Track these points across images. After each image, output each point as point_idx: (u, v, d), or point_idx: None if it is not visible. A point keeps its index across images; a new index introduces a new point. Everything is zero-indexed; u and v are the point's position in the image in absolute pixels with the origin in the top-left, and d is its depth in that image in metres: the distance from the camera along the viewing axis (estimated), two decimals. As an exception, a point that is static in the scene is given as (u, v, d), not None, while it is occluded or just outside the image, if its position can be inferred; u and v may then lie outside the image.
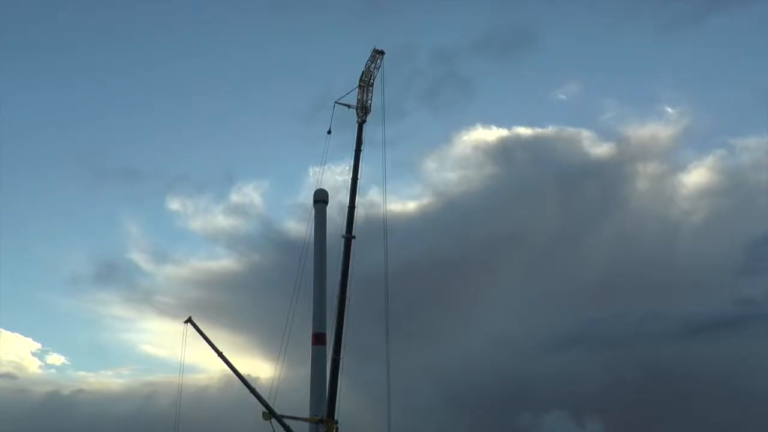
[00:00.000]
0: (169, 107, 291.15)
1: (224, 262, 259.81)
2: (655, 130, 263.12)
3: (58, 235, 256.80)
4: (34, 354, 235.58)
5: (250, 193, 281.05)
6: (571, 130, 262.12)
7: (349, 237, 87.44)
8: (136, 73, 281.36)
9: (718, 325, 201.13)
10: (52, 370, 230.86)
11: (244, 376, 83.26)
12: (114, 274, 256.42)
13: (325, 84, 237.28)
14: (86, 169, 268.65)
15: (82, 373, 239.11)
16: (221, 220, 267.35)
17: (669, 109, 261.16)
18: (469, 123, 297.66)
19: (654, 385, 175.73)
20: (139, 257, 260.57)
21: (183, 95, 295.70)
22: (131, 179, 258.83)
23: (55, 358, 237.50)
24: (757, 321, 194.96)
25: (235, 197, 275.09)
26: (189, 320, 79.02)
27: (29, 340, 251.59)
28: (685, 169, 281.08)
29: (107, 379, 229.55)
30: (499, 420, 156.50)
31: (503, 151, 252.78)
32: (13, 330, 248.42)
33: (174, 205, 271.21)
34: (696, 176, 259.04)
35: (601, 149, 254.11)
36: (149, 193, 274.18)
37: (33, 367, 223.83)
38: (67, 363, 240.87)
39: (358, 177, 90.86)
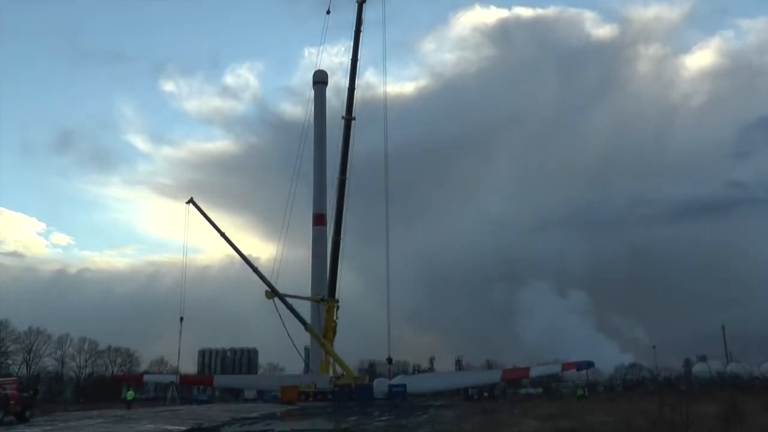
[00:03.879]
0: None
1: (221, 143, 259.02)
2: (659, 11, 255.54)
3: (53, 116, 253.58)
4: (39, 234, 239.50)
5: (245, 75, 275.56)
6: (572, 11, 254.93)
7: (348, 118, 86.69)
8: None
9: (707, 207, 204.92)
10: (58, 250, 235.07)
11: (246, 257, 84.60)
12: (111, 156, 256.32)
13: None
14: (69, 49, 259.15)
15: (87, 253, 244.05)
16: (216, 102, 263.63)
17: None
18: (467, 2, 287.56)
19: (641, 265, 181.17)
20: (135, 139, 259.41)
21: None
22: (117, 60, 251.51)
23: (60, 238, 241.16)
24: (747, 204, 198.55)
25: (229, 79, 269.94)
26: (191, 201, 78.90)
27: (33, 219, 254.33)
28: (689, 51, 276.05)
29: (112, 259, 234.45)
30: (490, 295, 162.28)
31: (502, 32, 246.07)
32: (16, 210, 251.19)
33: (168, 86, 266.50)
34: (699, 58, 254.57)
35: (603, 30, 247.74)
36: (140, 74, 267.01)
37: (39, 246, 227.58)
38: (72, 243, 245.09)
39: (358, 58, 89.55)
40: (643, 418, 23.43)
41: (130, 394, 67.06)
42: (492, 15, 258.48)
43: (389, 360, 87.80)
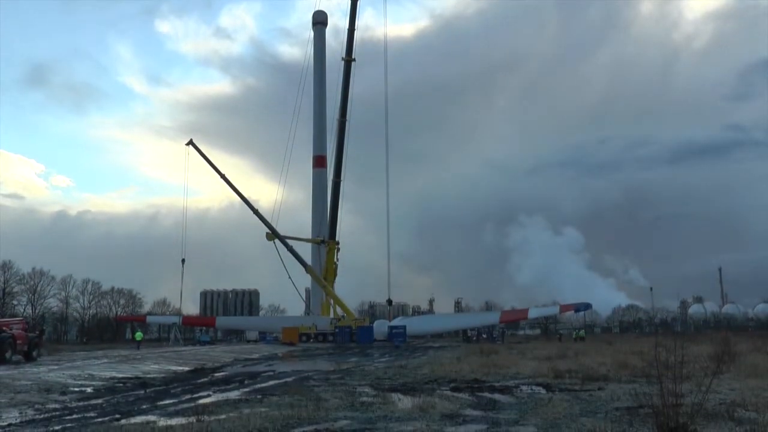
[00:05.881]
0: None
1: (219, 85, 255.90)
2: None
3: (46, 57, 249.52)
4: (39, 175, 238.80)
5: (241, 15, 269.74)
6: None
7: (348, 60, 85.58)
8: None
9: (705, 150, 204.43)
10: (58, 192, 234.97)
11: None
12: (108, 98, 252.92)
13: None
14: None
15: (87, 195, 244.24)
16: (213, 44, 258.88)
17: None
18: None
19: (638, 207, 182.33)
20: (131, 80, 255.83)
21: None
22: (109, 1, 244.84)
23: (60, 180, 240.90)
24: (745, 146, 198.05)
25: (225, 20, 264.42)
26: (190, 142, 78.65)
27: (32, 161, 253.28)
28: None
29: (112, 201, 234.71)
30: (488, 236, 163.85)
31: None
32: (15, 151, 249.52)
33: (163, 27, 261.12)
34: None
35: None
36: (134, 14, 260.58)
37: (39, 188, 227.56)
38: (72, 185, 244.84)
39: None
40: (639, 358, 23.99)
41: (138, 335, 68.51)
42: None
43: (389, 302, 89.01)
